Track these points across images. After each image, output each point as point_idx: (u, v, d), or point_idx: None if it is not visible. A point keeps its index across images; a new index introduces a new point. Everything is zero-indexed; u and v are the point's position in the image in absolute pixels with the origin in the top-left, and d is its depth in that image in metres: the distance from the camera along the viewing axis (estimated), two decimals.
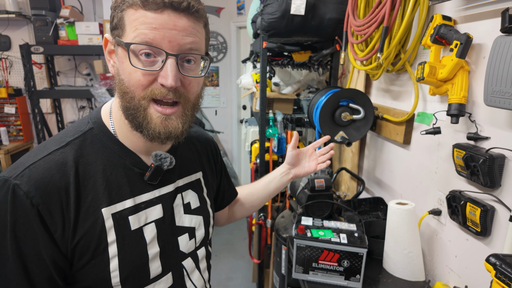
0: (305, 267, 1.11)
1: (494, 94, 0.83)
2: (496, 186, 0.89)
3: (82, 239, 0.58)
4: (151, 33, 0.55)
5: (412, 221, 1.10)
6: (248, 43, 3.73)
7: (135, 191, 0.65)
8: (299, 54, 2.02)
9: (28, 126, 3.56)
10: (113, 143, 0.65)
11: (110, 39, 0.62)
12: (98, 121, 0.66)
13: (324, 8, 1.62)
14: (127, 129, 0.64)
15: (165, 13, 0.55)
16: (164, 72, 0.56)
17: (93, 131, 0.65)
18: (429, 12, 1.17)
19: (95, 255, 0.59)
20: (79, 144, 0.62)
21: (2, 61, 3.43)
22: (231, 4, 3.76)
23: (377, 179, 1.63)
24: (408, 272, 1.12)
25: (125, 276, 0.62)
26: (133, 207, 0.64)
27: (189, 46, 0.58)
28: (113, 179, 0.63)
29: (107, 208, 0.61)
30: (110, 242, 0.60)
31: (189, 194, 0.77)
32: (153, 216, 0.67)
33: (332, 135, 1.48)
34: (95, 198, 0.60)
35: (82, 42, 3.11)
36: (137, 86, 0.57)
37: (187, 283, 0.74)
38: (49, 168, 0.57)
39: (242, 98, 4.01)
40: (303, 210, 1.40)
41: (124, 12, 0.57)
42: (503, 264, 0.69)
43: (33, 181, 0.55)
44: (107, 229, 0.60)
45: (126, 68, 0.58)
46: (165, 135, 0.60)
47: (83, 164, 0.61)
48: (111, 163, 0.64)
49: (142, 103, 0.58)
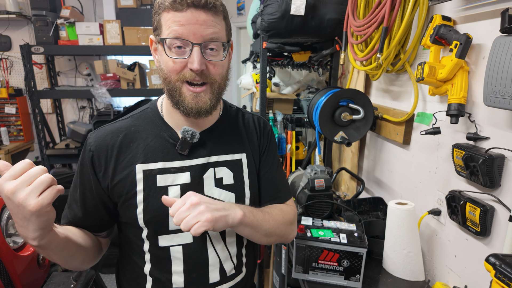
0: (305, 267, 1.11)
1: (493, 94, 0.83)
2: (495, 186, 0.89)
3: (119, 183, 0.78)
4: (180, 29, 0.69)
5: (411, 221, 1.10)
6: (248, 44, 3.73)
7: (167, 157, 0.80)
8: (299, 54, 2.02)
9: (28, 126, 3.56)
10: (158, 119, 0.83)
11: (154, 38, 0.78)
12: (153, 103, 0.87)
13: (324, 9, 1.62)
14: (171, 109, 0.80)
15: (188, 11, 0.68)
16: (192, 58, 0.70)
17: (147, 110, 0.85)
18: (428, 13, 1.17)
19: (127, 198, 0.78)
20: (136, 117, 0.84)
21: (2, 61, 3.43)
22: (231, 4, 3.76)
23: (376, 179, 1.63)
24: (408, 272, 1.12)
25: (147, 220, 0.78)
26: (162, 168, 0.79)
27: (210, 36, 0.71)
28: (152, 145, 0.80)
29: (140, 164, 0.78)
30: (138, 191, 0.78)
31: (223, 171, 0.84)
32: (180, 180, 0.80)
33: (332, 135, 1.49)
34: (134, 156, 0.79)
35: (83, 43, 3.11)
36: (172, 71, 0.73)
37: (208, 248, 0.82)
38: (108, 131, 0.81)
39: (242, 98, 4.01)
40: (303, 210, 1.41)
41: (161, 15, 0.71)
42: (503, 264, 0.69)
43: (96, 137, 0.80)
44: (137, 180, 0.78)
45: (164, 59, 0.73)
46: (196, 109, 0.75)
47: (133, 131, 0.81)
48: (153, 133, 0.82)
49: (177, 84, 0.74)
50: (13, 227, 1.21)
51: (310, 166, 1.49)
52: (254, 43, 2.15)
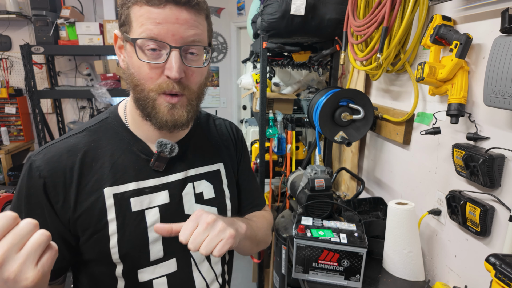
0: (305, 267, 1.11)
1: (493, 94, 0.83)
2: (495, 186, 0.89)
3: (84, 213, 0.64)
4: (155, 28, 0.57)
5: (411, 221, 1.10)
6: (248, 43, 3.73)
7: (140, 175, 0.69)
8: (299, 54, 2.02)
9: (28, 126, 3.56)
10: (124, 131, 0.70)
11: (119, 35, 0.65)
12: (114, 112, 0.73)
13: (324, 9, 1.62)
14: (139, 119, 0.68)
15: (167, 7, 0.57)
16: (169, 64, 0.59)
17: (108, 120, 0.71)
18: (429, 12, 1.17)
19: (96, 230, 0.65)
20: (94, 130, 0.70)
21: (2, 61, 3.43)
22: (231, 4, 3.76)
23: (377, 179, 1.63)
24: (408, 272, 1.12)
25: (123, 253, 0.66)
26: (136, 190, 0.68)
27: (191, 38, 0.60)
28: (120, 162, 0.68)
29: (109, 188, 0.66)
30: (110, 219, 0.65)
31: (202, 184, 0.76)
32: (157, 201, 0.70)
33: (332, 135, 1.49)
34: (99, 178, 0.66)
35: (83, 42, 3.11)
36: (147, 79, 0.61)
37: (194, 273, 0.74)
38: (61, 149, 0.66)
39: (242, 98, 4.02)
40: (303, 210, 1.41)
41: (130, 9, 0.60)
42: (503, 264, 0.69)
43: (45, 158, 0.64)
44: (107, 207, 0.65)
45: (135, 63, 0.61)
46: (171, 123, 0.64)
47: (94, 148, 0.67)
48: (119, 149, 0.69)
49: (151, 95, 0.62)
50: None
51: (310, 166, 1.49)
52: (254, 43, 2.15)
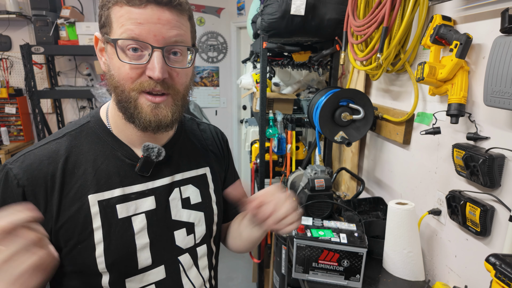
0: (305, 267, 1.11)
1: (493, 94, 0.83)
2: (495, 186, 0.89)
3: (67, 222, 0.61)
4: (136, 28, 0.56)
5: (412, 221, 1.10)
6: (248, 43, 3.73)
7: (125, 181, 0.67)
8: (299, 54, 2.02)
9: (28, 126, 3.56)
10: (106, 135, 0.68)
11: (100, 37, 0.64)
12: (96, 116, 0.70)
13: (324, 9, 1.62)
14: (122, 122, 0.67)
15: (148, 8, 0.56)
16: (151, 65, 0.58)
17: (89, 124, 0.69)
18: (429, 12, 1.17)
19: (80, 240, 0.62)
20: (74, 135, 0.67)
21: (2, 61, 3.43)
22: (231, 4, 3.76)
23: (377, 179, 1.63)
24: (408, 272, 1.12)
25: (110, 262, 0.64)
26: (121, 196, 0.66)
27: (174, 38, 0.59)
28: (103, 168, 0.66)
29: (94, 195, 0.63)
30: (95, 228, 0.63)
31: (189, 189, 0.75)
32: (144, 207, 0.68)
33: (332, 135, 1.49)
34: (83, 185, 0.63)
35: (83, 42, 3.11)
36: (126, 79, 0.60)
37: (183, 279, 0.73)
38: (41, 156, 0.63)
39: (242, 98, 4.02)
40: (303, 210, 1.41)
41: (111, 10, 0.59)
42: (503, 264, 0.69)
43: (23, 165, 0.61)
44: (93, 215, 0.63)
45: (116, 64, 0.60)
46: (155, 123, 0.62)
47: (75, 154, 0.65)
48: (103, 154, 0.67)
49: (132, 94, 0.61)
50: None
51: (310, 166, 1.49)
52: (254, 43, 2.15)
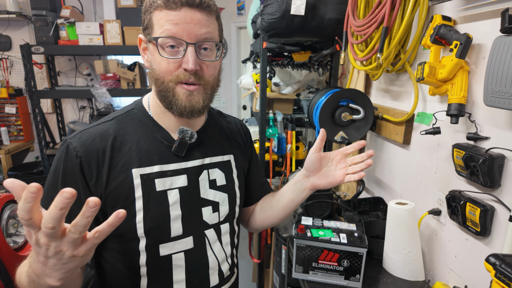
0: (305, 267, 1.11)
1: (494, 94, 0.83)
2: (495, 186, 0.89)
3: (114, 190, 0.72)
4: (173, 28, 0.67)
5: (411, 221, 1.10)
6: (248, 43, 3.74)
7: (163, 160, 0.77)
8: (299, 54, 2.02)
9: (28, 126, 3.56)
10: (148, 120, 0.79)
11: (143, 38, 0.75)
12: (139, 104, 0.82)
13: (324, 9, 1.62)
14: (161, 111, 0.78)
15: (182, 10, 0.67)
16: (186, 58, 0.69)
17: (133, 111, 0.81)
18: (429, 12, 1.17)
19: (124, 206, 0.72)
20: (121, 119, 0.79)
21: (2, 61, 3.44)
22: (231, 4, 3.76)
23: (377, 179, 1.63)
24: (408, 272, 1.12)
25: (148, 228, 0.73)
26: (159, 172, 0.76)
27: (204, 36, 0.70)
28: (145, 147, 0.76)
29: (137, 169, 0.74)
30: (137, 197, 0.73)
31: (215, 172, 0.84)
32: (177, 183, 0.77)
33: (332, 135, 1.49)
34: (128, 160, 0.74)
35: (83, 42, 3.11)
36: (166, 72, 0.70)
37: (208, 251, 0.82)
38: (94, 134, 0.74)
39: (242, 98, 4.02)
40: (303, 210, 1.41)
41: (152, 14, 0.70)
42: (503, 264, 0.69)
43: (81, 140, 0.72)
44: (135, 186, 0.73)
45: (157, 59, 0.71)
46: (189, 108, 0.73)
47: (122, 134, 0.76)
48: (145, 135, 0.77)
49: (171, 85, 0.71)
50: (13, 227, 1.21)
51: None
52: (254, 43, 2.15)
